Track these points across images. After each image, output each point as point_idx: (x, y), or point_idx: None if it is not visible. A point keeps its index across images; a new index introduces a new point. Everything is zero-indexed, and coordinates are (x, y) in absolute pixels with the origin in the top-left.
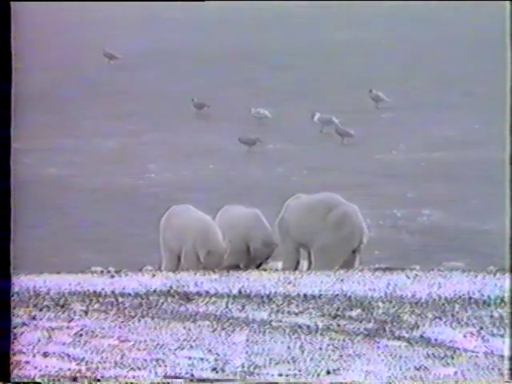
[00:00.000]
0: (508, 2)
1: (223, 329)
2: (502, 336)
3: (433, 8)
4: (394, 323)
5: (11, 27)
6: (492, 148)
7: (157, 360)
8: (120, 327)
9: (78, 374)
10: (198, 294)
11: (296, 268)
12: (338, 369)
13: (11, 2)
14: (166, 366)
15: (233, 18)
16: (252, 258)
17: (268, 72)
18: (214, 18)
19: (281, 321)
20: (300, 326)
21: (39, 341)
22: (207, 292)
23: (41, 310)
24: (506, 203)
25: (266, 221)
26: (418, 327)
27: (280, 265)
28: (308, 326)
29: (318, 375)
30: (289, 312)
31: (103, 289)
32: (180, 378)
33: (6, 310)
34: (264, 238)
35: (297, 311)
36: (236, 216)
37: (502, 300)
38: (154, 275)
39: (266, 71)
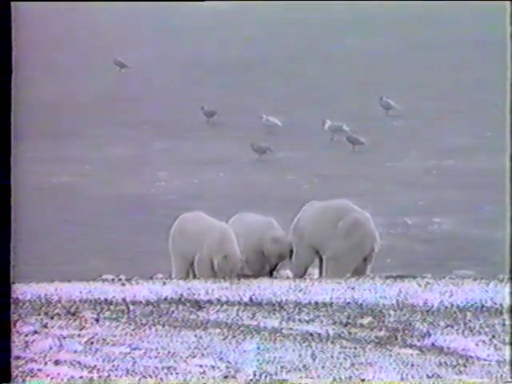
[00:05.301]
0: (508, 2)
1: (234, 337)
2: None
3: (443, 14)
4: (406, 331)
5: (12, 28)
6: (504, 156)
7: (168, 368)
8: (131, 335)
9: (89, 382)
10: (209, 301)
11: (303, 275)
12: (350, 377)
13: (11, 2)
14: (177, 373)
15: (242, 25)
16: (265, 259)
17: (278, 80)
18: (225, 26)
19: (292, 329)
20: (311, 334)
21: (51, 349)
22: (218, 300)
23: (52, 317)
24: (506, 209)
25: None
26: (430, 335)
27: (290, 273)
28: (319, 334)
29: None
30: (300, 320)
31: (114, 297)
32: None
33: (6, 309)
34: (274, 235)
35: (308, 319)
36: (249, 223)
37: None
38: (164, 283)
39: (276, 79)
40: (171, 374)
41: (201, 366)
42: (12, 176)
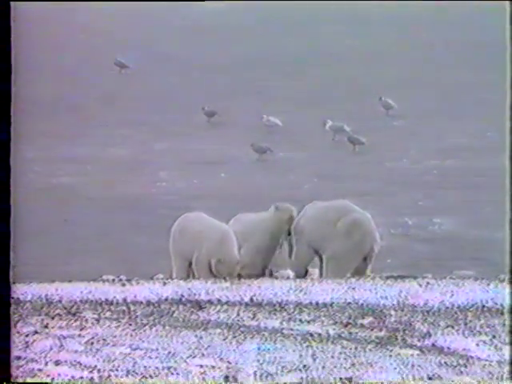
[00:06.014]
0: (508, 2)
1: (234, 337)
2: None
3: (443, 13)
4: (406, 331)
5: (11, 27)
6: (504, 155)
7: (168, 368)
8: (131, 335)
9: (89, 382)
10: (210, 302)
11: (304, 275)
12: (350, 377)
13: (11, 2)
14: (177, 374)
15: (244, 25)
16: (277, 234)
17: (279, 80)
18: (226, 26)
19: (292, 329)
20: (311, 334)
21: (51, 349)
22: (219, 300)
23: (53, 318)
24: (506, 209)
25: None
26: (431, 335)
27: (291, 273)
28: (319, 334)
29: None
30: (300, 320)
31: (115, 297)
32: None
33: (6, 311)
34: (275, 204)
35: (308, 319)
36: (251, 221)
37: None
38: (165, 283)
39: (277, 79)
40: (172, 374)
41: (201, 367)
42: (12, 176)
